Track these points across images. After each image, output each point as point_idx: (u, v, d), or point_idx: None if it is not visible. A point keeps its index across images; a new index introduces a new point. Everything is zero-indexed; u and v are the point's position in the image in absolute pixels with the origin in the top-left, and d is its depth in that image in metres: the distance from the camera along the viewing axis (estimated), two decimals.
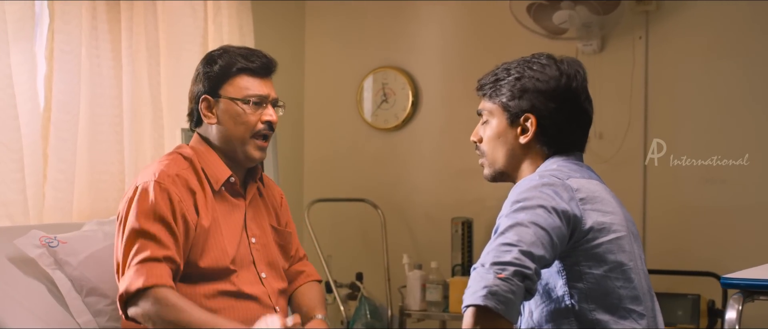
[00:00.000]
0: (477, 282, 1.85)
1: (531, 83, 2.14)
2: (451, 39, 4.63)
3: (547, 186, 2.02)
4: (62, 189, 3.23)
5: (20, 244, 2.67)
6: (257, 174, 2.68)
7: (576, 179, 2.07)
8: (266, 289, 2.57)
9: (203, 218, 2.47)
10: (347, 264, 4.54)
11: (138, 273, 2.32)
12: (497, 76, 2.21)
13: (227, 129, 2.55)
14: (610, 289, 2.02)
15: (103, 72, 3.43)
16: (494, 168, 2.24)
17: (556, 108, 2.13)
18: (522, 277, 1.85)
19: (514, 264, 1.85)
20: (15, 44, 3.06)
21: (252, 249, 2.58)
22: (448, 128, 4.59)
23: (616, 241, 2.04)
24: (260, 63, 2.58)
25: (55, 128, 3.20)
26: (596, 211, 2.04)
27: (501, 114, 2.19)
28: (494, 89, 2.20)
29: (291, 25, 4.84)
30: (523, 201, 1.98)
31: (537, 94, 2.13)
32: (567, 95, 2.14)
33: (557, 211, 1.97)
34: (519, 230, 1.92)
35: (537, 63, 2.17)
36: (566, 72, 2.15)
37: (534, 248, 1.89)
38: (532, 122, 2.14)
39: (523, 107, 2.15)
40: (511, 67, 2.20)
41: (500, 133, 2.19)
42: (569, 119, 2.16)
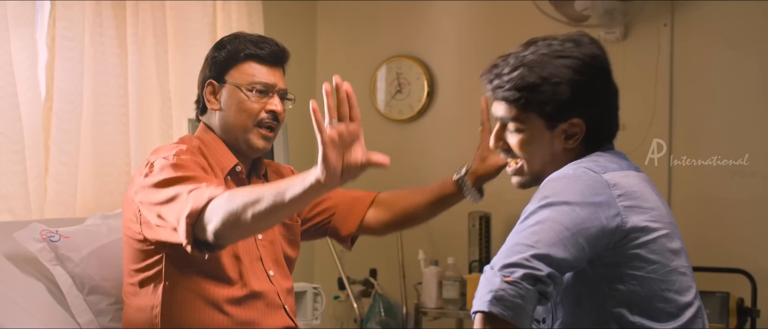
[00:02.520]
0: (484, 287, 1.75)
1: (573, 86, 1.94)
2: (467, 26, 4.55)
3: (581, 182, 1.89)
4: (65, 182, 3.16)
5: (20, 238, 2.59)
6: (261, 170, 2.57)
7: (613, 172, 1.93)
8: (275, 287, 2.47)
9: None
10: (361, 260, 4.43)
11: (192, 197, 2.08)
12: (525, 82, 1.97)
13: (229, 116, 2.45)
14: (653, 292, 1.89)
15: (107, 60, 3.35)
16: (533, 175, 2.05)
17: (598, 105, 1.98)
18: (533, 280, 1.74)
19: (523, 266, 1.74)
20: (15, 31, 2.98)
21: (259, 246, 2.48)
22: (464, 119, 4.50)
23: (659, 240, 1.90)
24: (270, 50, 2.48)
25: (57, 118, 3.13)
26: (637, 208, 1.89)
27: (536, 120, 1.99)
28: (529, 96, 1.96)
29: (302, 13, 4.78)
30: (551, 196, 1.85)
31: (583, 98, 1.95)
32: (602, 82, 1.99)
33: (589, 209, 1.83)
34: (539, 229, 1.80)
35: (565, 56, 1.96)
36: (591, 54, 1.97)
37: (553, 249, 1.77)
38: (581, 125, 1.97)
39: (571, 113, 1.96)
40: (533, 64, 1.97)
41: (536, 138, 2.00)
42: (608, 107, 2.02)
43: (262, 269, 2.47)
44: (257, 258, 2.46)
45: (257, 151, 2.48)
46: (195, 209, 2.05)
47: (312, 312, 3.64)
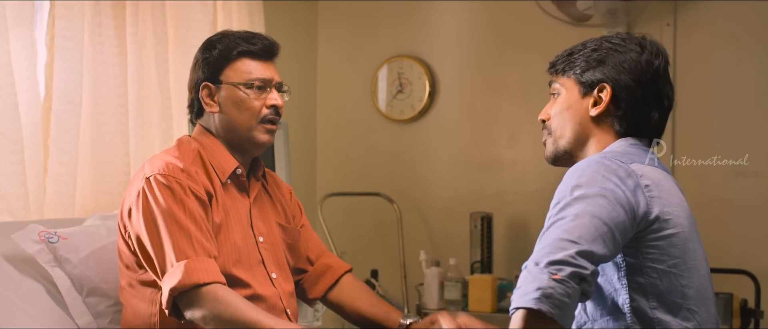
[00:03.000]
0: (530, 283, 1.72)
1: (609, 54, 2.03)
2: (469, 26, 4.52)
3: (610, 171, 1.88)
4: (64, 183, 3.12)
5: (18, 239, 2.55)
6: (259, 170, 2.55)
7: (639, 164, 1.94)
8: (277, 290, 2.45)
9: (215, 214, 2.36)
10: (362, 260, 4.42)
11: (189, 269, 2.20)
12: (571, 51, 2.09)
13: (231, 117, 2.43)
14: (673, 287, 1.89)
15: (107, 59, 3.31)
16: (558, 146, 2.10)
17: (634, 81, 2.01)
18: (579, 279, 1.72)
19: (571, 264, 1.72)
20: (14, 30, 2.94)
21: (260, 249, 2.45)
22: (466, 119, 4.49)
23: (680, 235, 1.91)
24: (262, 45, 2.46)
25: (56, 118, 3.09)
26: (662, 199, 1.90)
27: (573, 86, 2.07)
28: (567, 62, 2.08)
29: (303, 13, 4.74)
30: (584, 187, 1.85)
31: (615, 65, 2.02)
32: (647, 73, 2.01)
33: (621, 203, 1.84)
34: (579, 223, 1.78)
35: (617, 38, 2.06)
36: (648, 49, 2.03)
37: (595, 246, 1.76)
38: (608, 91, 2.02)
39: (598, 76, 2.03)
40: (587, 42, 2.09)
41: (571, 104, 2.07)
42: (646, 98, 2.02)
43: (264, 272, 2.44)
44: (259, 261, 2.44)
45: (262, 146, 2.46)
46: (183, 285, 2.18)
47: (313, 313, 3.62)
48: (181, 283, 2.18)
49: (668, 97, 2.04)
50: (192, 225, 2.25)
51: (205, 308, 2.18)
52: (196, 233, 2.25)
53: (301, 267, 2.64)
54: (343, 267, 2.67)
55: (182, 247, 2.22)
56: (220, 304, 2.18)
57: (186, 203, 2.27)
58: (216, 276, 2.22)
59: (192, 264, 2.20)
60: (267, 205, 2.56)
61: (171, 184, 2.28)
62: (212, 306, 2.18)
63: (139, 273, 2.36)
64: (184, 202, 2.27)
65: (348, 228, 4.60)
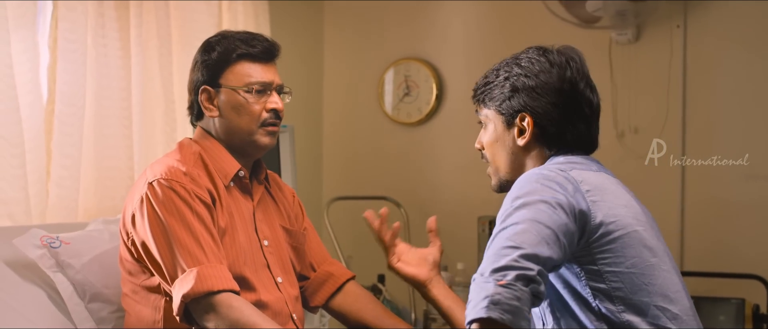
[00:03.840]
0: (477, 294, 1.72)
1: (519, 80, 2.04)
2: (476, 28, 4.49)
3: (548, 179, 1.89)
4: (67, 187, 3.10)
5: (19, 244, 2.53)
6: (262, 173, 2.52)
7: (580, 171, 1.94)
8: (283, 295, 2.41)
9: (220, 218, 2.32)
10: (368, 265, 4.38)
11: (202, 275, 2.17)
12: (487, 80, 2.13)
13: (230, 121, 2.39)
14: (636, 287, 1.88)
15: (110, 62, 3.29)
16: (498, 176, 2.14)
17: (551, 104, 2.02)
18: (526, 281, 1.72)
19: (514, 268, 1.72)
20: (15, 32, 2.92)
21: (265, 253, 2.41)
22: (474, 122, 4.29)
23: (632, 235, 1.90)
24: (262, 47, 2.41)
25: (58, 121, 3.07)
26: (605, 202, 1.90)
27: (496, 118, 2.09)
28: (486, 93, 2.12)
29: (309, 14, 4.72)
30: (524, 196, 1.85)
31: (528, 91, 2.03)
32: (562, 88, 2.02)
33: (562, 205, 1.84)
34: (520, 230, 1.78)
35: (525, 58, 2.06)
36: (556, 62, 2.03)
37: (539, 249, 1.76)
38: (529, 121, 2.04)
39: (516, 106, 2.04)
40: (500, 67, 2.11)
41: (498, 137, 2.10)
42: (568, 113, 2.03)
43: (269, 276, 2.40)
44: (264, 266, 2.40)
45: (264, 149, 2.43)
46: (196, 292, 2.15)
47: (319, 319, 3.59)
48: (194, 290, 2.15)
49: (589, 103, 2.04)
50: (201, 229, 2.22)
51: (219, 316, 2.16)
52: (205, 238, 2.22)
53: (303, 274, 2.60)
54: (346, 274, 2.63)
55: (193, 252, 2.19)
56: (234, 312, 2.16)
57: (193, 206, 2.24)
58: (229, 284, 2.19)
59: (204, 271, 2.17)
60: (271, 208, 2.52)
61: (175, 188, 2.25)
62: (226, 314, 2.15)
63: (142, 279, 2.33)
64: (191, 206, 2.24)
65: (354, 233, 4.55)
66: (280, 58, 2.50)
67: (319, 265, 2.62)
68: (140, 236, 2.27)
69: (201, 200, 2.26)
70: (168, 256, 2.21)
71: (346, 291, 2.60)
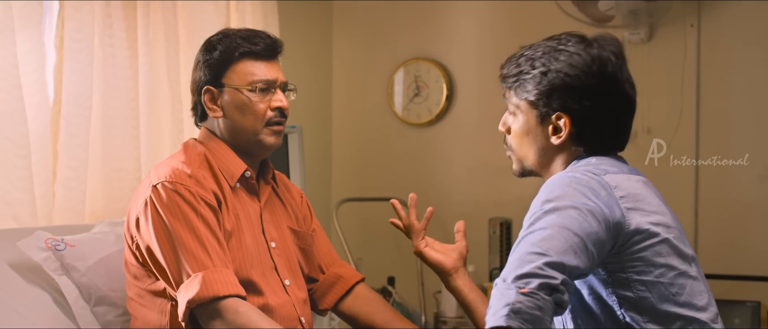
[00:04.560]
0: (498, 300, 1.67)
1: (559, 78, 1.92)
2: (487, 28, 4.46)
3: (581, 184, 1.81)
4: (73, 188, 3.07)
5: (24, 247, 2.49)
6: (269, 173, 2.48)
7: (613, 175, 1.87)
8: (291, 298, 2.37)
9: (226, 220, 2.28)
10: (378, 267, 4.38)
11: (207, 280, 2.14)
12: (520, 69, 1.98)
13: (235, 121, 2.35)
14: (663, 297, 1.82)
15: (117, 62, 3.27)
16: (523, 165, 2.04)
17: (591, 105, 1.92)
18: (549, 290, 1.66)
19: (538, 275, 1.66)
20: (21, 32, 2.89)
21: (273, 255, 2.38)
22: (485, 122, 4.42)
23: (665, 243, 1.84)
24: (264, 45, 2.37)
25: (65, 122, 3.05)
26: (639, 210, 1.84)
27: (529, 111, 1.98)
28: (518, 82, 1.98)
29: (318, 14, 4.70)
30: (554, 201, 1.78)
31: (568, 91, 1.92)
32: (603, 87, 1.92)
33: (593, 213, 1.77)
34: (547, 235, 1.72)
35: (564, 51, 1.93)
36: (597, 57, 1.91)
37: (565, 257, 1.70)
38: (566, 122, 1.94)
39: (553, 105, 1.94)
40: (535, 57, 1.96)
41: (529, 130, 1.99)
42: (608, 113, 1.94)
43: (277, 279, 2.37)
44: (272, 268, 2.36)
45: (270, 148, 2.39)
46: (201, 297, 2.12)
47: (328, 321, 3.56)
48: (199, 295, 2.12)
49: (629, 100, 1.96)
50: (206, 233, 2.19)
51: (225, 322, 2.12)
52: (211, 242, 2.18)
53: (312, 276, 2.56)
54: (355, 276, 2.59)
55: (198, 256, 2.16)
56: (240, 318, 2.12)
57: (198, 210, 2.20)
58: (235, 289, 2.16)
59: (210, 276, 2.14)
60: (278, 209, 2.49)
61: (180, 191, 2.21)
62: (232, 320, 2.12)
63: (147, 283, 2.30)
64: (196, 209, 2.20)
65: (364, 234, 4.56)
66: (289, 58, 2.46)
67: (328, 267, 2.58)
68: (145, 240, 2.24)
69: (206, 203, 2.23)
70: (173, 261, 2.18)
71: (355, 294, 2.56)
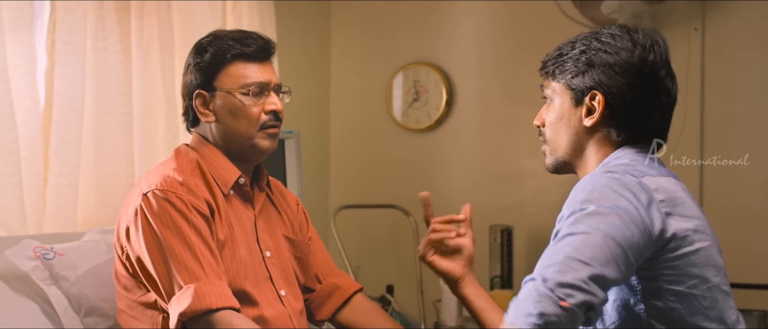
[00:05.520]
0: (534, 302, 1.57)
1: (597, 56, 1.86)
2: (488, 32, 4.41)
3: (622, 186, 1.73)
4: (65, 195, 3.02)
5: (11, 255, 2.44)
6: (263, 179, 2.42)
7: (652, 177, 1.79)
8: (287, 309, 2.30)
9: (219, 229, 2.22)
10: (377, 275, 4.33)
11: (199, 293, 2.08)
12: (561, 51, 1.94)
13: (228, 126, 2.29)
14: (694, 309, 1.75)
15: (110, 66, 3.22)
16: (556, 156, 1.97)
17: (627, 85, 1.84)
18: (587, 308, 1.59)
19: (583, 290, 1.58)
20: (11, 35, 2.85)
21: (268, 264, 2.31)
22: (485, 128, 4.39)
23: (701, 252, 1.76)
24: (257, 46, 2.31)
25: (56, 127, 3.01)
26: (677, 215, 1.75)
27: (565, 93, 1.93)
28: (557, 65, 1.94)
29: (316, 19, 4.64)
30: (596, 202, 1.70)
31: (604, 68, 1.85)
32: (642, 70, 1.84)
33: (635, 222, 1.69)
34: (591, 242, 1.63)
35: (606, 34, 1.89)
36: (641, 43, 1.85)
37: (608, 269, 1.62)
38: (600, 100, 1.87)
39: (588, 83, 1.88)
40: (576, 40, 1.93)
41: (563, 114, 1.93)
42: (644, 100, 1.86)
43: (272, 289, 2.30)
44: (267, 278, 2.30)
45: (265, 153, 2.33)
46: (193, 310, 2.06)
47: None
48: (192, 308, 2.06)
49: (668, 92, 1.89)
50: (198, 243, 2.12)
51: None
52: (203, 252, 2.12)
53: (308, 286, 2.50)
54: (353, 286, 2.52)
55: (190, 267, 2.09)
56: None
57: (190, 219, 2.14)
58: (228, 301, 2.10)
59: (202, 287, 2.08)
60: (273, 217, 2.42)
61: (171, 199, 2.15)
62: None
63: (138, 295, 2.23)
64: (188, 218, 2.14)
65: (362, 242, 4.51)
66: (286, 62, 2.40)
67: (325, 277, 2.52)
68: (135, 250, 2.18)
69: (198, 211, 2.16)
70: (164, 272, 2.11)
71: (353, 304, 2.50)
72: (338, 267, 2.60)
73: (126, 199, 2.28)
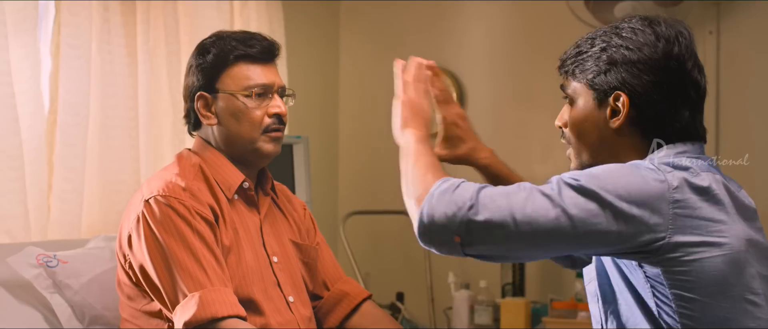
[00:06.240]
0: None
1: (619, 53, 1.76)
2: (499, 35, 4.36)
3: (635, 168, 1.67)
4: (69, 201, 2.97)
5: (13, 263, 2.38)
6: (268, 183, 2.36)
7: (680, 171, 1.69)
8: (295, 316, 2.25)
9: (223, 235, 2.16)
10: (387, 282, 4.30)
11: (204, 301, 2.02)
12: (580, 49, 1.84)
13: (230, 129, 2.24)
14: (711, 319, 1.65)
15: (116, 69, 3.16)
16: (581, 160, 1.88)
17: (653, 83, 1.74)
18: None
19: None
20: (15, 38, 2.79)
21: (275, 270, 2.25)
22: (496, 133, 4.31)
23: (720, 259, 1.65)
24: (260, 47, 2.26)
25: (61, 132, 2.95)
26: (696, 218, 1.65)
27: (587, 93, 1.83)
28: (577, 63, 1.84)
29: (324, 24, 4.61)
30: (597, 177, 1.66)
31: (627, 66, 1.76)
32: (667, 65, 1.74)
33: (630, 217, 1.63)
34: (552, 214, 1.65)
35: (627, 28, 1.79)
36: (664, 35, 1.75)
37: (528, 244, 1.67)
38: (624, 101, 1.77)
39: (612, 83, 1.78)
40: (596, 36, 1.82)
41: (587, 116, 1.83)
42: (671, 96, 1.76)
43: (280, 295, 2.24)
44: (274, 284, 2.24)
45: (268, 157, 2.28)
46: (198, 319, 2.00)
47: None
48: (197, 317, 2.00)
49: (697, 85, 1.79)
50: (202, 250, 2.07)
51: None
52: (208, 259, 2.07)
53: (316, 293, 2.44)
54: (362, 293, 2.46)
55: (194, 275, 2.04)
56: None
57: (193, 225, 2.08)
58: (234, 309, 2.04)
59: (207, 295, 2.02)
60: (279, 221, 2.37)
61: (174, 205, 2.09)
62: None
63: (142, 304, 2.18)
64: (191, 224, 2.08)
65: (372, 249, 4.47)
66: (295, 65, 2.34)
67: (333, 283, 2.46)
68: (138, 258, 2.12)
69: (202, 217, 2.11)
70: (168, 280, 2.05)
71: (362, 312, 2.44)
72: (347, 274, 2.54)
73: (127, 206, 2.23)
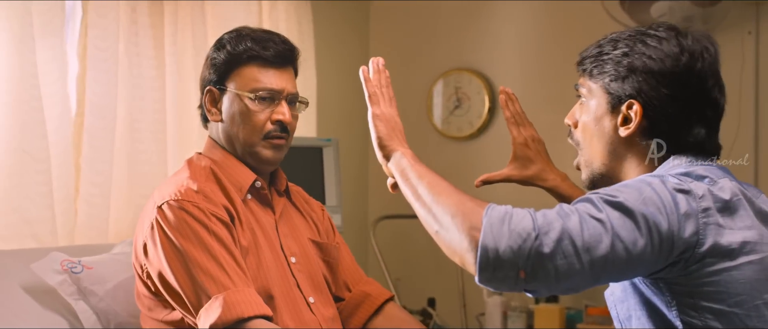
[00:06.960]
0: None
1: (640, 60, 1.70)
2: (532, 37, 4.30)
3: (662, 186, 1.60)
4: (97, 205, 2.95)
5: (37, 269, 2.34)
6: (281, 184, 2.31)
7: (700, 182, 1.63)
8: (316, 317, 2.19)
9: (241, 236, 2.11)
10: (418, 287, 4.25)
11: (229, 302, 1.96)
12: (601, 50, 1.78)
13: (231, 128, 2.20)
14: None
15: (143, 72, 3.15)
16: (591, 169, 1.81)
17: (670, 97, 1.69)
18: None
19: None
20: (42, 40, 2.78)
21: (293, 271, 2.20)
22: None
23: (748, 266, 1.59)
24: (275, 51, 2.20)
25: (88, 135, 2.94)
26: (724, 228, 1.59)
27: (602, 96, 1.77)
28: (596, 64, 1.77)
29: (354, 25, 4.57)
30: (624, 194, 1.58)
31: (647, 75, 1.70)
32: (687, 80, 1.69)
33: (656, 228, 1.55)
34: (596, 235, 1.57)
35: (653, 36, 1.72)
36: (689, 49, 1.70)
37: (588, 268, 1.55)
38: (637, 110, 1.71)
39: (628, 90, 1.72)
40: (620, 38, 1.76)
41: (597, 119, 1.78)
42: (687, 112, 1.71)
43: (300, 297, 2.19)
44: (294, 285, 2.19)
45: (267, 163, 2.22)
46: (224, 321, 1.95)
47: None
48: (222, 319, 1.94)
49: (715, 105, 1.74)
50: (221, 251, 2.02)
51: None
52: (228, 260, 2.01)
53: (338, 295, 2.38)
54: (384, 294, 2.40)
55: (216, 277, 1.98)
56: None
57: (209, 227, 2.03)
58: (261, 308, 1.98)
59: (232, 296, 1.96)
60: (296, 221, 2.32)
61: (188, 208, 2.04)
62: None
63: (163, 315, 2.12)
64: (207, 226, 2.03)
65: (403, 253, 4.42)
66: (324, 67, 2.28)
67: (354, 285, 2.40)
68: (155, 266, 2.06)
69: (218, 218, 2.06)
70: (189, 285, 2.00)
71: (385, 314, 2.38)
72: (377, 279, 2.49)
73: (140, 215, 2.17)
